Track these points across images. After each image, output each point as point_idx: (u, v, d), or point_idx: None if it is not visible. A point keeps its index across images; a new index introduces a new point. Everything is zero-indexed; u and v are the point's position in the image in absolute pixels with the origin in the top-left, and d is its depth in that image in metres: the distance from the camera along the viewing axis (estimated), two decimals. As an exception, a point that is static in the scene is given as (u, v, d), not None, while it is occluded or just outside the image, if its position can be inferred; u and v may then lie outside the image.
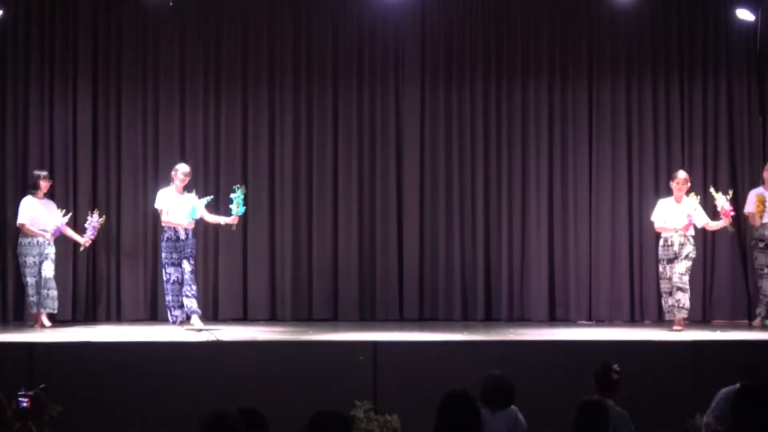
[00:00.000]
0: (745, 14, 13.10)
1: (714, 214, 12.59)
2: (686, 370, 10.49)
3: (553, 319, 13.73)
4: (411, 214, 13.95)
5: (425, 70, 14.03)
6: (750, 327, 12.93)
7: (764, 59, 13.91)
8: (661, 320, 13.29)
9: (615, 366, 7.91)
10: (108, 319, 13.62)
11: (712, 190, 12.47)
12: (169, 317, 12.42)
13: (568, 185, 13.94)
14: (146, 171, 13.86)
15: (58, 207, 12.89)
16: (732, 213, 12.24)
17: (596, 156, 13.95)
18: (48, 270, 12.51)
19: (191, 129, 13.93)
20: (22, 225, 12.57)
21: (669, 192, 12.70)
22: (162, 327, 12.86)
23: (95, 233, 12.80)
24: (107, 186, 13.80)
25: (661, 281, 12.50)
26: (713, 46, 14.00)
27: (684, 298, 12.18)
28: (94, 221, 12.78)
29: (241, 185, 12.57)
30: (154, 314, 13.71)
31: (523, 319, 13.68)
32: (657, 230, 12.52)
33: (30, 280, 12.52)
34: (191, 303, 12.23)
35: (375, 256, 13.91)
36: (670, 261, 12.29)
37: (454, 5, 13.94)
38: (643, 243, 13.59)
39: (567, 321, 13.64)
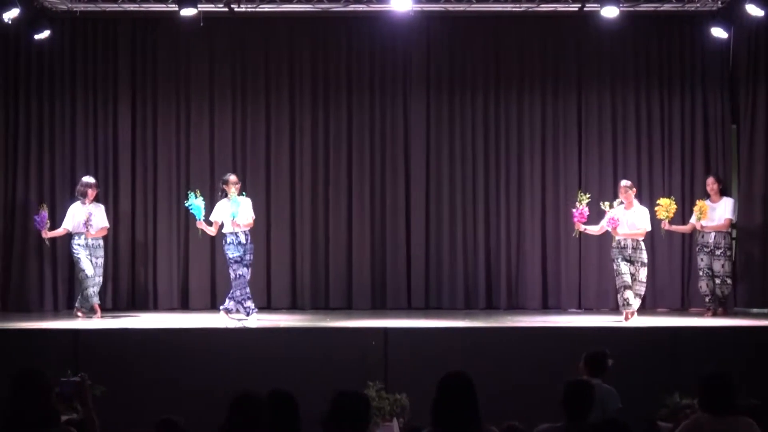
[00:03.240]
0: (718, 32, 13.07)
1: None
2: (665, 353, 10.52)
3: (546, 307, 13.75)
4: (418, 213, 13.99)
5: (430, 83, 14.06)
6: (724, 315, 12.98)
7: (736, 73, 13.90)
8: (643, 308, 13.35)
9: (608, 352, 7.89)
10: (145, 308, 13.67)
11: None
12: (242, 310, 11.92)
13: (559, 186, 13.95)
14: (179, 177, 13.93)
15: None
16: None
17: (585, 160, 13.97)
18: (98, 276, 12.51)
19: (220, 137, 13.98)
20: (65, 230, 12.59)
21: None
22: (192, 315, 12.97)
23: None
24: (144, 190, 13.87)
25: (617, 277, 12.13)
26: (690, 61, 13.98)
27: (631, 298, 11.93)
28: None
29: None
30: (185, 304, 13.79)
31: (520, 308, 13.69)
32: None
33: (88, 272, 12.40)
34: (229, 302, 12.04)
35: (385, 251, 13.94)
36: (626, 260, 12.01)
37: (456, 26, 13.95)
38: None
39: (559, 309, 13.65)
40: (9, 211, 13.73)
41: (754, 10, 12.38)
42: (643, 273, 12.05)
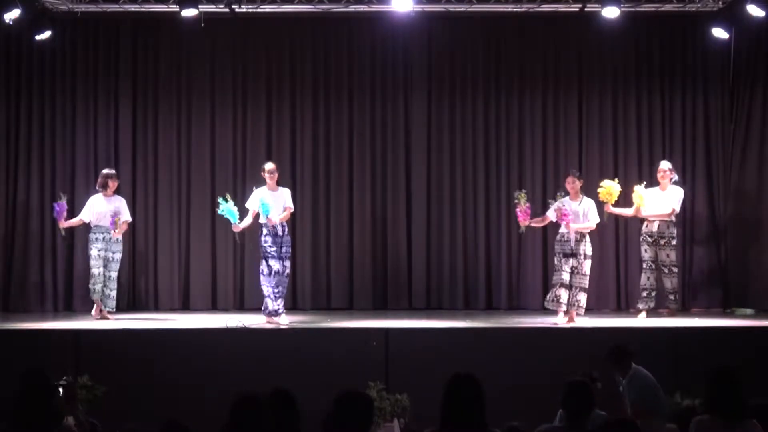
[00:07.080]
0: (719, 32, 13.08)
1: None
2: (667, 353, 10.51)
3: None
4: (419, 213, 14.00)
5: (431, 84, 14.08)
6: (724, 314, 13.02)
7: (737, 73, 13.91)
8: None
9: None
10: (146, 308, 13.69)
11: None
12: (270, 306, 11.72)
13: (560, 187, 13.90)
14: (180, 177, 13.95)
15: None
16: (568, 218, 11.79)
17: (585, 160, 13.98)
18: (112, 270, 12.34)
19: (221, 137, 14.00)
20: (81, 221, 12.43)
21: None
22: (194, 316, 12.97)
23: (112, 223, 12.23)
24: (145, 190, 13.88)
25: (555, 273, 11.96)
26: (691, 62, 14.00)
27: (584, 299, 11.81)
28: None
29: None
30: (186, 304, 13.81)
31: (520, 308, 13.70)
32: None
33: (95, 270, 12.28)
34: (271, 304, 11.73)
35: (386, 252, 13.96)
36: (566, 255, 11.81)
37: (457, 26, 13.97)
38: (628, 239, 13.63)
39: (560, 309, 13.66)
40: (10, 212, 13.75)
41: (755, 11, 12.39)
42: (586, 265, 11.84)
